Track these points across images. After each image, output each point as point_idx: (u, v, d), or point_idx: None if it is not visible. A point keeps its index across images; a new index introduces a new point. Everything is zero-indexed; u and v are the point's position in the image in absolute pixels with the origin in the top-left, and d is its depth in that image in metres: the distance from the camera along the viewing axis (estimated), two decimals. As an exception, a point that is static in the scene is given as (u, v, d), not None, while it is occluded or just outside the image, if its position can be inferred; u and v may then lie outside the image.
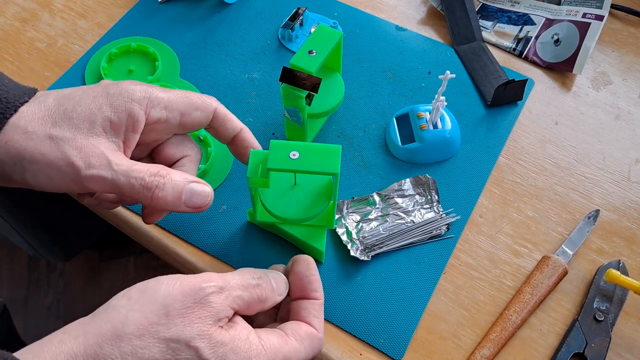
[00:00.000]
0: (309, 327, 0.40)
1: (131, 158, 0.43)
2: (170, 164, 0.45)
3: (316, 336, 0.40)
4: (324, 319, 0.49)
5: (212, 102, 0.44)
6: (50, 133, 0.38)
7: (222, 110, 0.45)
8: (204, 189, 0.41)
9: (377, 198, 0.55)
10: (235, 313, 0.38)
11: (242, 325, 0.37)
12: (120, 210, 0.55)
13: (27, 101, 0.40)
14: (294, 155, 0.43)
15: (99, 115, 0.39)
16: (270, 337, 0.37)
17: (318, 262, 0.52)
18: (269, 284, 0.40)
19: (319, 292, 0.42)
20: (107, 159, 0.39)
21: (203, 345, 0.34)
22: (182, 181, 0.40)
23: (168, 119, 0.42)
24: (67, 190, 0.40)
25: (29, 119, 0.39)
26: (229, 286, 0.37)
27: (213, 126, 0.45)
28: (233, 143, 0.46)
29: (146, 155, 0.46)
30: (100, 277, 1.29)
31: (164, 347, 0.33)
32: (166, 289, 0.35)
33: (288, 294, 0.42)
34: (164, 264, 1.22)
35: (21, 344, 0.75)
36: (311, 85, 0.50)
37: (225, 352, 0.35)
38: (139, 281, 0.37)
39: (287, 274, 0.43)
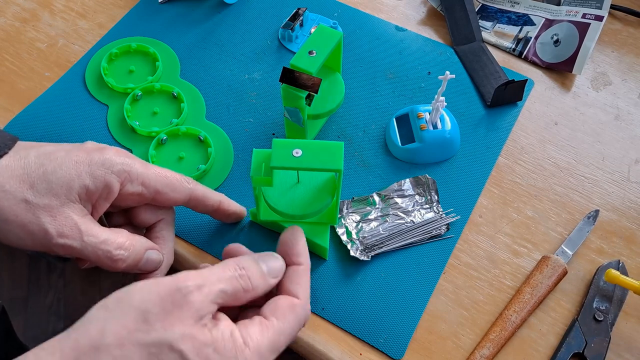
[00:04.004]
0: (289, 299, 0.39)
1: (104, 213, 0.44)
2: (146, 226, 0.46)
3: (298, 305, 0.39)
4: (330, 321, 0.49)
5: (189, 185, 0.45)
6: (26, 197, 0.38)
7: (200, 191, 0.46)
8: (158, 257, 0.43)
9: (377, 198, 0.55)
10: (222, 308, 0.37)
11: (225, 322, 0.36)
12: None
13: (6, 152, 0.40)
14: (297, 153, 0.43)
15: (78, 182, 0.40)
16: (250, 330, 0.36)
17: (322, 259, 0.52)
18: (257, 270, 0.38)
19: (303, 257, 0.41)
20: (79, 229, 0.39)
21: (187, 347, 0.33)
22: (142, 250, 0.42)
23: (142, 194, 0.43)
24: (33, 249, 0.40)
25: (7, 175, 0.39)
26: (208, 282, 0.36)
27: (191, 205, 0.46)
28: (214, 213, 0.48)
29: (119, 211, 0.46)
30: (100, 277, 1.29)
31: (145, 353, 0.32)
32: (142, 294, 0.34)
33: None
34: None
35: (20, 346, 0.75)
36: (311, 85, 0.50)
37: (208, 354, 0.33)
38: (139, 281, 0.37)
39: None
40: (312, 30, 0.64)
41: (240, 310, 0.42)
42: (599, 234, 0.55)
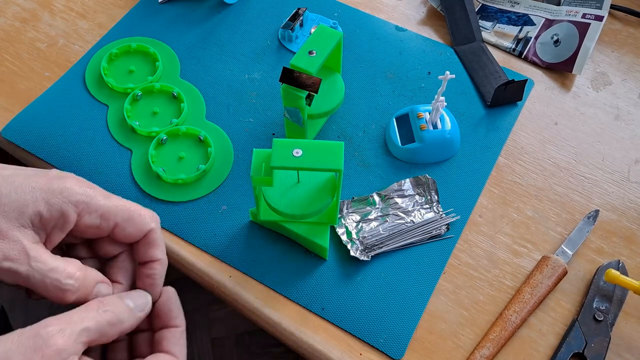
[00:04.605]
0: (170, 357, 0.39)
1: (66, 242, 0.42)
2: (109, 257, 0.44)
3: None
4: (330, 321, 0.49)
5: (150, 223, 0.42)
6: None
7: (156, 234, 0.42)
8: (108, 291, 0.41)
9: (377, 198, 0.55)
10: (89, 349, 0.36)
11: None
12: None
13: None
14: (297, 153, 0.43)
15: (32, 207, 0.38)
16: None
17: (322, 259, 0.52)
18: (120, 305, 0.39)
19: (179, 319, 0.41)
20: (27, 254, 0.38)
21: None
22: (93, 282, 0.40)
23: (100, 226, 0.41)
24: None
25: None
26: (70, 323, 0.36)
27: (138, 243, 0.42)
28: (141, 270, 0.43)
29: (82, 243, 0.44)
30: (100, 277, 1.29)
31: None
32: (4, 346, 0.34)
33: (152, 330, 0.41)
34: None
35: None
36: (311, 85, 0.50)
37: None
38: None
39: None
40: (312, 30, 0.64)
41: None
42: (599, 234, 0.55)
